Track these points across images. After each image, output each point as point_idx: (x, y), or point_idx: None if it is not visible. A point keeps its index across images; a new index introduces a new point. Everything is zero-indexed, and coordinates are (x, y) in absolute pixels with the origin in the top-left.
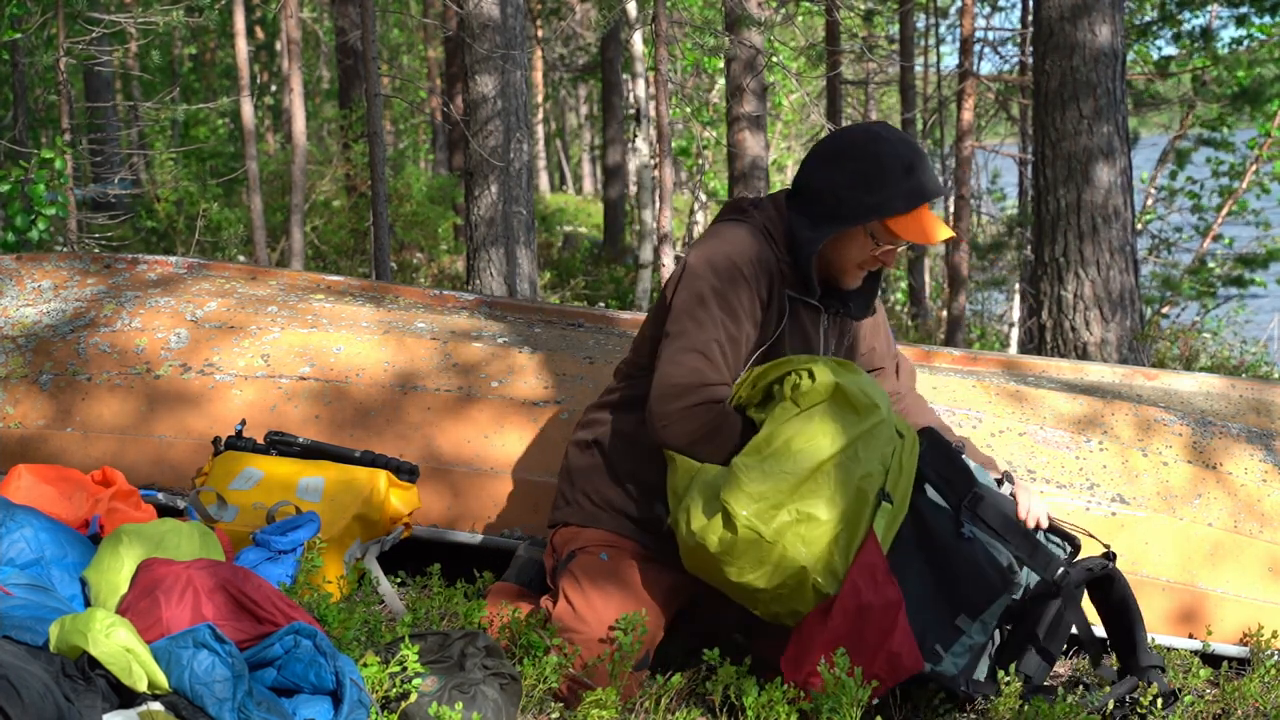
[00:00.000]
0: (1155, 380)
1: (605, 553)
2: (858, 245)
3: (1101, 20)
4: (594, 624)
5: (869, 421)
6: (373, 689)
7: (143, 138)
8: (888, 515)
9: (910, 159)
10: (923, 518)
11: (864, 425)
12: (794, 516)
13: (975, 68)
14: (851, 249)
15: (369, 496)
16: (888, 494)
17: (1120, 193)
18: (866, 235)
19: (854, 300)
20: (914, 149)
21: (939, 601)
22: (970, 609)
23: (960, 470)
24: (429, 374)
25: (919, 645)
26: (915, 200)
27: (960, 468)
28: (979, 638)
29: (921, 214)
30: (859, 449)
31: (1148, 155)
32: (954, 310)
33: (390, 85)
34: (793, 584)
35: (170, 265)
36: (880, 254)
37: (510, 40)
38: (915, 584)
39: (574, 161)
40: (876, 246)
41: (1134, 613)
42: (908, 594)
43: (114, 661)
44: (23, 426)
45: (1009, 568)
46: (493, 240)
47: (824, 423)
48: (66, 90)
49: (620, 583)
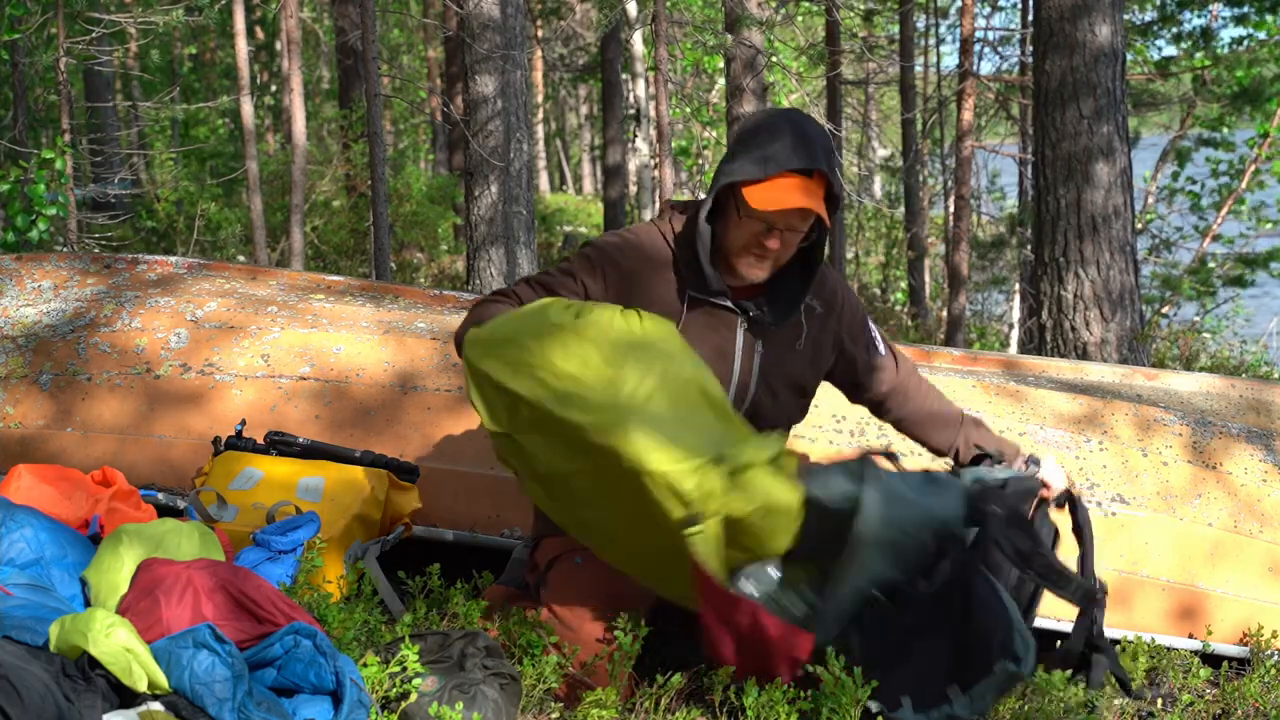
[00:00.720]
0: (1155, 380)
1: (579, 556)
2: (734, 226)
3: (1101, 20)
4: (577, 628)
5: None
6: (373, 689)
7: (143, 138)
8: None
9: (780, 128)
10: (971, 595)
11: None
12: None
13: (975, 68)
14: (731, 231)
15: (369, 496)
16: (694, 518)
17: (1120, 192)
18: (735, 211)
19: (772, 305)
20: (793, 122)
21: (940, 664)
22: (964, 684)
23: (1041, 553)
24: (429, 374)
25: (900, 693)
26: (770, 167)
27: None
28: (961, 713)
29: (778, 182)
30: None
31: (1148, 155)
32: (954, 310)
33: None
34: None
35: (170, 265)
36: (759, 235)
37: (510, 40)
38: (933, 643)
39: (574, 161)
40: (746, 222)
41: (1088, 542)
42: (920, 650)
43: (114, 661)
44: (23, 426)
45: (1018, 655)
46: (493, 240)
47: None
48: (66, 90)
49: (596, 584)
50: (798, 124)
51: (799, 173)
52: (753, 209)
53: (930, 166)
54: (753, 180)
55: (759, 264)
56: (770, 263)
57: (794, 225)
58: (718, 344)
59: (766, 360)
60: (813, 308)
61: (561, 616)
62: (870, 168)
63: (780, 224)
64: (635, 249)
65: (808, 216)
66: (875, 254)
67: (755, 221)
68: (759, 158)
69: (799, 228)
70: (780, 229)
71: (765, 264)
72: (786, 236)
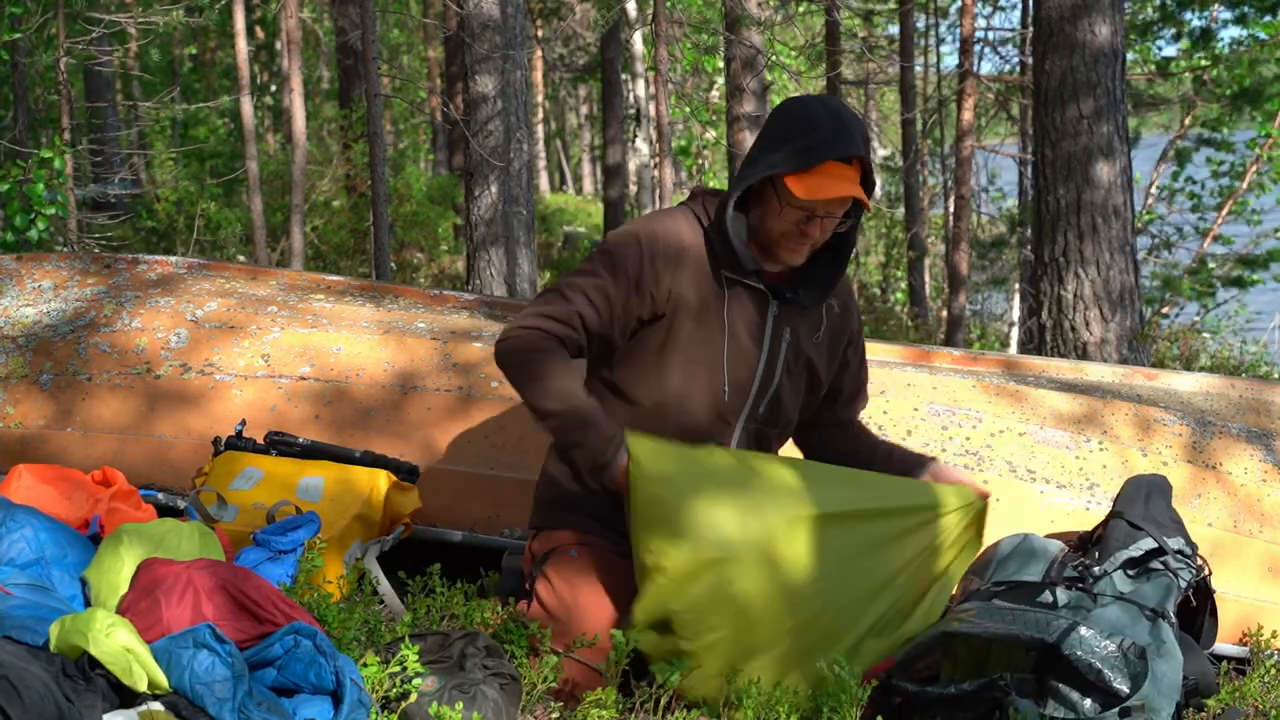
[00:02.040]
0: (1155, 380)
1: (575, 550)
2: (773, 213)
3: (1101, 20)
4: (564, 619)
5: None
6: (373, 689)
7: (143, 138)
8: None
9: (820, 118)
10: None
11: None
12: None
13: (975, 68)
14: (769, 218)
15: (369, 496)
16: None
17: (1120, 192)
18: (776, 200)
19: (804, 288)
20: (831, 110)
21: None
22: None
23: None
24: (429, 374)
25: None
26: (813, 157)
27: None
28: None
29: (822, 171)
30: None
31: (1148, 155)
32: (954, 310)
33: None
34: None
35: (170, 265)
36: (800, 223)
37: (510, 40)
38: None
39: (574, 161)
40: (788, 211)
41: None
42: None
43: (114, 661)
44: (23, 426)
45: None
46: (493, 240)
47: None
48: (66, 90)
49: (589, 576)
50: (835, 112)
51: (841, 160)
52: (798, 198)
53: (930, 166)
54: (796, 170)
55: (800, 249)
56: (809, 247)
57: (834, 212)
58: (751, 323)
59: (792, 346)
60: (831, 305)
61: (550, 607)
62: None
63: (822, 211)
64: (662, 237)
65: (847, 202)
66: (875, 254)
67: (797, 210)
68: (802, 148)
69: (839, 214)
70: (821, 216)
71: (805, 248)
72: (826, 223)
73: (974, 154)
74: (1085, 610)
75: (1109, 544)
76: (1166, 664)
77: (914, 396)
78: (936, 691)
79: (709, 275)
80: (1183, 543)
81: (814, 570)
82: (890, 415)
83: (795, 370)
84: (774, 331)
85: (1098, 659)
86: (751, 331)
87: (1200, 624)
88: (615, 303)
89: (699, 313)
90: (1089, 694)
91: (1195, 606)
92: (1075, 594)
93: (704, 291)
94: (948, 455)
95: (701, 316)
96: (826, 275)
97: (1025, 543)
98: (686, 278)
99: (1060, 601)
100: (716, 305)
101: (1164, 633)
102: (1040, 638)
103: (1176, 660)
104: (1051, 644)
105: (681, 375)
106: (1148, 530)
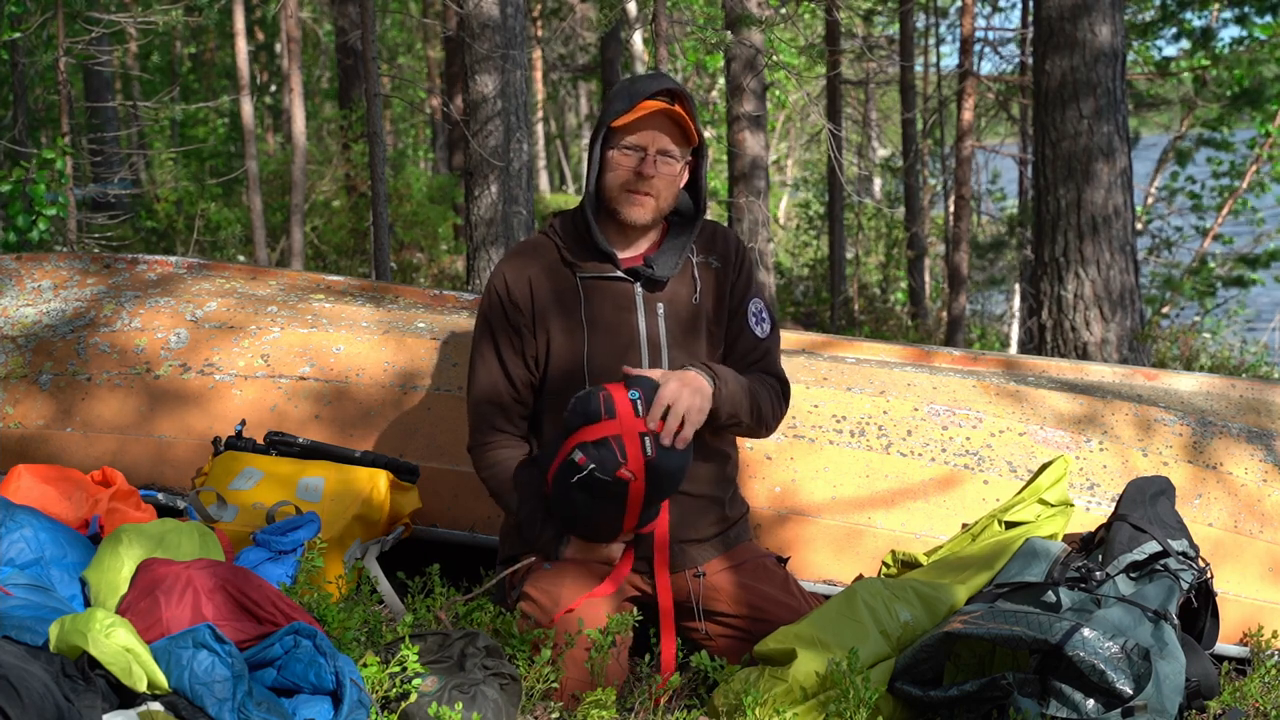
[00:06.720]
0: (1155, 380)
1: (548, 564)
2: (612, 169)
3: (1101, 20)
4: (552, 612)
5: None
6: (373, 689)
7: (142, 138)
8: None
9: (636, 76)
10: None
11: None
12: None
13: (975, 68)
14: (609, 176)
15: (369, 496)
16: None
17: (1120, 192)
18: (614, 153)
19: (659, 260)
20: (652, 75)
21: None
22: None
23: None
24: (429, 374)
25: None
26: (633, 99)
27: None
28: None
29: (642, 107)
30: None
31: (1148, 155)
32: (954, 310)
33: (390, 85)
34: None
35: (170, 265)
36: (634, 167)
37: (510, 40)
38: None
39: (574, 161)
40: (621, 157)
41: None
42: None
43: (114, 661)
44: (23, 426)
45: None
46: (493, 240)
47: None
48: (66, 90)
49: (566, 577)
50: (652, 72)
51: (659, 98)
52: (624, 137)
53: (930, 166)
54: (619, 115)
55: (640, 202)
56: (652, 200)
57: (665, 148)
58: (618, 313)
59: (670, 316)
60: (708, 263)
61: (536, 614)
62: (870, 168)
63: (651, 147)
64: (509, 275)
65: (677, 139)
66: (875, 254)
67: (629, 154)
68: (623, 97)
69: (671, 151)
70: (652, 155)
71: (647, 202)
72: (661, 165)
73: (974, 154)
74: (1088, 612)
75: (1113, 547)
76: (1169, 665)
77: (914, 396)
78: (940, 695)
79: (568, 282)
80: (1186, 545)
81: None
82: (890, 415)
83: (683, 336)
84: (647, 309)
85: (1101, 660)
86: (622, 317)
87: (1202, 625)
88: (514, 350)
89: (563, 313)
90: (1092, 695)
91: (1197, 608)
92: (1079, 595)
93: (568, 302)
94: (948, 455)
95: (567, 324)
96: (678, 242)
97: (1027, 543)
98: (544, 295)
99: (1064, 603)
100: (575, 306)
101: (1166, 634)
102: (1043, 639)
103: (1179, 662)
104: (1055, 645)
105: (583, 375)
106: (1152, 533)
